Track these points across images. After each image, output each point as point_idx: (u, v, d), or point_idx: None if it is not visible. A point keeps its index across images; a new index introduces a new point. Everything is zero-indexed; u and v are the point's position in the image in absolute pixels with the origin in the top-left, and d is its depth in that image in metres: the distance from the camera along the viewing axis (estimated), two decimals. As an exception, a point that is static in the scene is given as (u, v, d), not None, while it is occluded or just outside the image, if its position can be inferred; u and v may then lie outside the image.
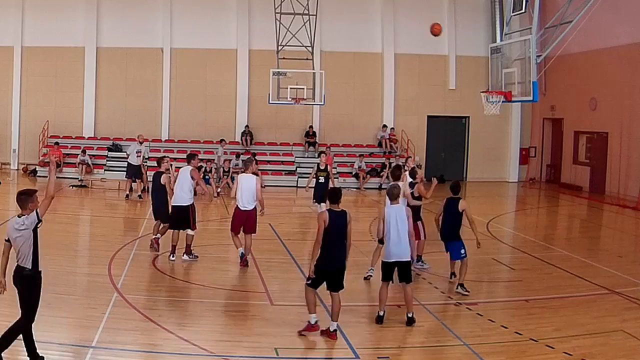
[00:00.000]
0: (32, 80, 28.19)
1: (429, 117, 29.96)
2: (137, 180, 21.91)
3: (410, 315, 9.22)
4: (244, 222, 12.27)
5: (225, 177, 24.35)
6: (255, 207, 12.24)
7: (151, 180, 14.19)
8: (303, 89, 24.46)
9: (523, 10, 14.69)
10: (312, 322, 8.62)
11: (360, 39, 29.43)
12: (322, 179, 16.44)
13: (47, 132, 27.76)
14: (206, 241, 14.96)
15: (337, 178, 26.25)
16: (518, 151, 30.46)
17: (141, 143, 22.19)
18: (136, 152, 21.92)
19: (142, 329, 8.76)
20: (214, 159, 25.56)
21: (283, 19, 24.63)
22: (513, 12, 15.11)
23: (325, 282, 8.71)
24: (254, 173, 12.36)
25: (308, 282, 8.72)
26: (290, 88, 24.32)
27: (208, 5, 28.80)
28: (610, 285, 11.57)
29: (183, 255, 12.66)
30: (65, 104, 28.30)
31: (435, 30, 28.79)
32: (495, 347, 8.44)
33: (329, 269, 8.57)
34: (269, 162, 27.72)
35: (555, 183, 28.98)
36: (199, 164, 15.42)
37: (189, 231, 12.67)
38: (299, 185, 26.57)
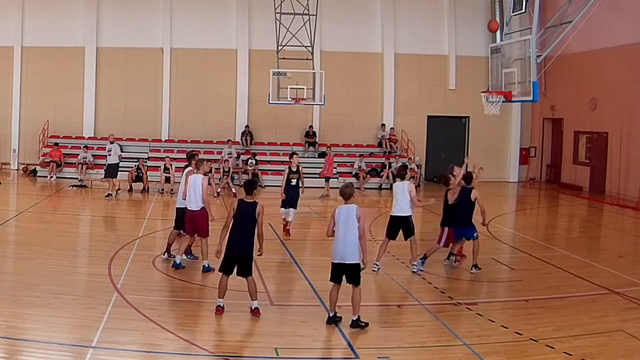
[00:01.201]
0: (32, 80, 28.19)
1: (429, 117, 29.97)
2: (112, 179, 21.92)
3: (355, 318, 8.90)
4: (193, 223, 11.87)
5: (226, 177, 24.35)
6: (203, 209, 11.81)
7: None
8: (303, 89, 24.47)
9: (523, 10, 14.70)
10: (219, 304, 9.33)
11: (360, 39, 29.43)
12: (293, 182, 15.79)
13: (47, 132, 27.77)
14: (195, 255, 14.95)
15: (337, 178, 26.30)
16: (518, 151, 30.47)
17: (112, 142, 22.45)
18: (107, 152, 22.08)
19: (142, 329, 8.76)
20: (219, 159, 25.56)
21: (283, 19, 24.64)
22: (513, 12, 15.13)
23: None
24: (205, 173, 12.19)
25: (220, 269, 9.40)
26: (290, 88, 24.33)
27: (208, 5, 28.81)
28: (610, 285, 11.56)
29: (183, 255, 12.51)
30: (65, 104, 28.30)
31: (493, 27, 28.17)
32: (495, 347, 8.44)
33: (232, 254, 9.25)
34: (269, 162, 27.70)
35: (555, 183, 28.99)
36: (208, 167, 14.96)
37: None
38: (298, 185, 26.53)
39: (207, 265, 11.68)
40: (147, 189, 23.22)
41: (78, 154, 26.04)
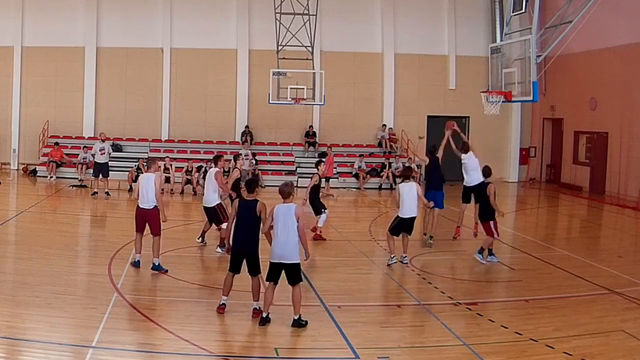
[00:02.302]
0: (32, 80, 28.19)
1: (429, 117, 29.96)
2: (104, 178, 21.97)
3: (296, 317, 8.81)
4: (145, 221, 11.95)
5: (226, 177, 24.31)
6: (156, 207, 11.89)
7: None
8: (303, 89, 24.47)
9: (523, 10, 14.69)
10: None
11: (360, 39, 29.43)
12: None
13: (47, 132, 27.77)
14: (206, 241, 14.97)
15: (337, 178, 26.32)
16: (518, 151, 30.46)
17: (103, 141, 22.66)
18: (99, 150, 22.19)
19: (142, 329, 8.76)
20: (228, 160, 25.49)
21: (283, 19, 24.64)
22: (513, 12, 15.10)
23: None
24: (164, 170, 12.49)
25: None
26: (290, 88, 24.33)
27: (208, 5, 28.81)
28: (610, 285, 11.56)
29: (217, 248, 13.50)
30: (65, 104, 28.30)
31: (449, 126, 28.04)
32: (495, 347, 8.44)
33: (237, 252, 9.45)
34: (269, 162, 27.71)
35: (555, 183, 28.98)
36: (225, 166, 15.33)
37: (222, 225, 13.36)
38: (298, 185, 26.56)
39: (157, 264, 11.68)
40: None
41: (78, 154, 26.03)
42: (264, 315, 8.85)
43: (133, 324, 8.92)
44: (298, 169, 27.65)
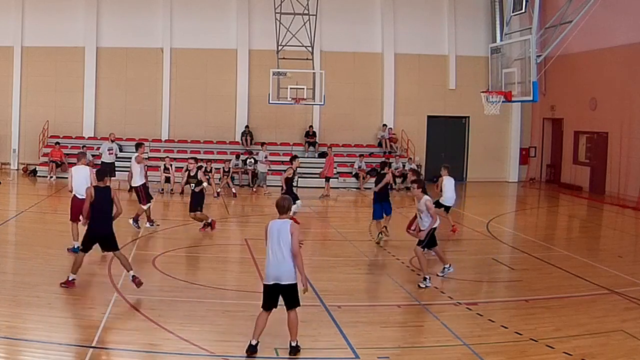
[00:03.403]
0: (32, 80, 28.19)
1: (429, 117, 29.96)
2: (110, 178, 21.98)
3: (294, 343, 8.03)
4: (78, 209, 12.23)
5: (226, 176, 24.35)
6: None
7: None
8: (303, 89, 24.46)
9: (523, 10, 14.69)
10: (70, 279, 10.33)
11: (360, 39, 29.42)
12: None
13: (47, 132, 27.76)
14: (206, 241, 14.98)
15: (337, 178, 26.30)
16: (518, 151, 30.45)
17: (112, 141, 22.63)
18: (108, 150, 22.23)
19: (142, 329, 8.76)
20: (228, 160, 25.60)
21: (283, 19, 24.64)
22: (513, 12, 15.12)
23: None
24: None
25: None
26: (290, 88, 24.32)
27: (208, 5, 28.81)
28: (610, 285, 11.56)
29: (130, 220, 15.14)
30: (65, 104, 28.30)
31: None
32: (495, 347, 8.44)
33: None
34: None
35: (555, 183, 28.98)
36: (196, 163, 16.20)
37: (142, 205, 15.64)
38: (298, 185, 26.57)
39: (75, 247, 12.22)
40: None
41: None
42: (253, 342, 7.98)
43: (133, 324, 8.92)
44: (298, 169, 27.59)
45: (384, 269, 12.49)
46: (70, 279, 10.31)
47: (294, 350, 8.03)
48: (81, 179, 12.72)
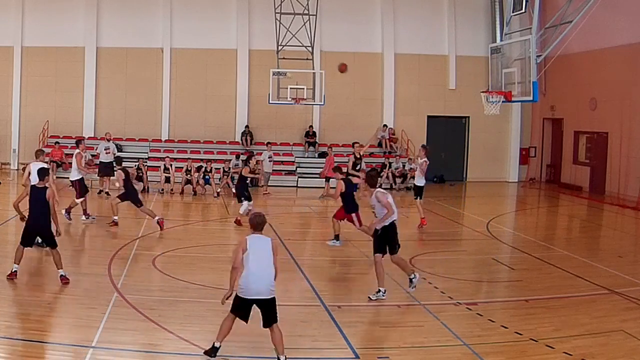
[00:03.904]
0: (32, 80, 28.19)
1: (429, 117, 29.96)
2: (107, 177, 22.01)
3: (282, 358, 7.72)
4: None
5: (226, 177, 24.34)
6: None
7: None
8: (303, 89, 24.46)
9: (523, 10, 14.71)
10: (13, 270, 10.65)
11: (360, 39, 29.42)
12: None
13: (47, 132, 27.76)
14: (206, 241, 14.98)
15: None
16: (518, 151, 30.45)
17: (109, 140, 22.75)
18: (104, 150, 22.24)
19: (142, 329, 8.76)
20: (228, 160, 25.56)
21: (283, 19, 24.64)
22: (513, 12, 15.13)
23: None
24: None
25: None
26: (290, 88, 24.32)
27: (208, 5, 28.80)
28: (610, 285, 11.56)
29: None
30: (65, 104, 28.30)
31: (342, 69, 29.25)
32: (495, 347, 8.44)
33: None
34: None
35: (555, 183, 28.98)
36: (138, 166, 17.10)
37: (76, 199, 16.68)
38: (298, 185, 26.61)
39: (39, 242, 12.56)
40: (147, 189, 23.20)
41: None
42: (217, 344, 7.88)
43: (133, 324, 8.91)
44: (298, 169, 27.64)
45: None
46: (13, 270, 10.63)
47: None
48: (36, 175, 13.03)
